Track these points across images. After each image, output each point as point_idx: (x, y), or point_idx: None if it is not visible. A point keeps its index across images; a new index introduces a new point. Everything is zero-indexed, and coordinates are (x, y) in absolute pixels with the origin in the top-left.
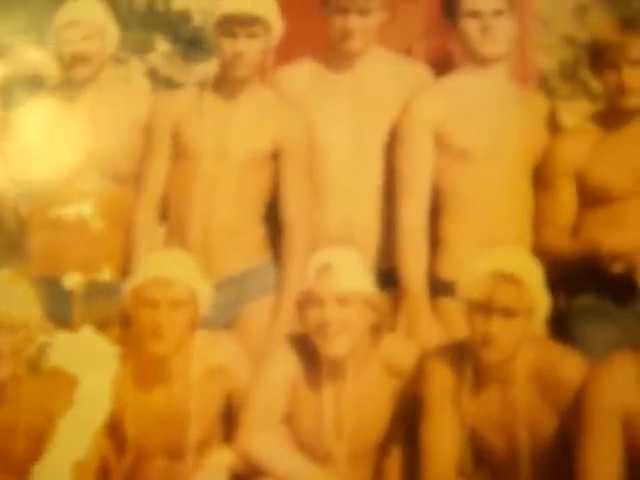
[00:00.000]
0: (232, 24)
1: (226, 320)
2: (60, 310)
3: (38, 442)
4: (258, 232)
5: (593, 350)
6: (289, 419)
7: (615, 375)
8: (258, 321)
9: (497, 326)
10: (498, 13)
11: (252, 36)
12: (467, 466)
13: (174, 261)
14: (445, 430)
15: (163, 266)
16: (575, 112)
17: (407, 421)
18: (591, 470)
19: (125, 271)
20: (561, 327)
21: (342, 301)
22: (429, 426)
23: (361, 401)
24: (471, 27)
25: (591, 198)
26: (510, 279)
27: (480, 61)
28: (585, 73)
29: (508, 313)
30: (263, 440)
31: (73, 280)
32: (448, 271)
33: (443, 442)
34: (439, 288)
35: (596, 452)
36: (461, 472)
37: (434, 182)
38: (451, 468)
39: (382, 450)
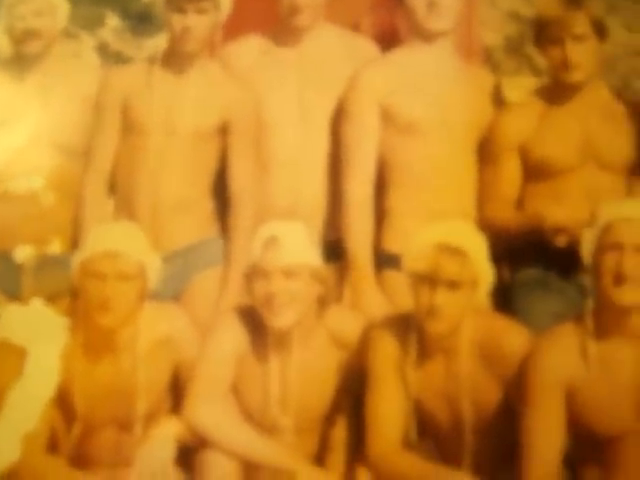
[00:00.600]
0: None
1: (174, 292)
2: (10, 283)
3: None
4: (206, 205)
5: (536, 322)
6: (236, 390)
7: (558, 347)
8: (206, 293)
9: (442, 298)
10: None
11: (201, 11)
12: (412, 436)
13: (122, 234)
14: (390, 401)
15: (111, 239)
16: (519, 87)
17: (353, 392)
18: (534, 441)
19: (75, 244)
20: (505, 299)
21: (288, 273)
22: (374, 397)
23: (307, 372)
24: (417, 2)
25: (535, 172)
26: (454, 251)
27: (426, 36)
28: (530, 48)
29: (452, 285)
30: (210, 411)
31: (23, 253)
32: (393, 243)
33: (388, 412)
34: (384, 260)
35: (539, 423)
36: (406, 442)
37: (380, 155)
38: (396, 438)
39: (328, 421)
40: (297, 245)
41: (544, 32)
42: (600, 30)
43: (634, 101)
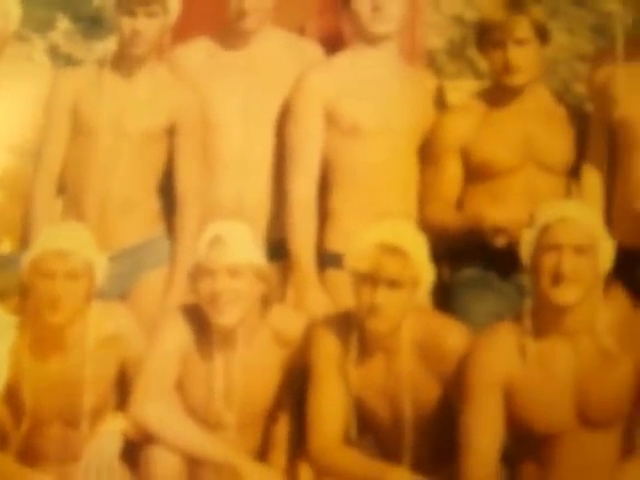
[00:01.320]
0: (131, 2)
1: (121, 291)
2: None
3: None
4: (153, 205)
5: (475, 321)
6: (181, 387)
7: (496, 345)
8: (152, 292)
9: (383, 297)
10: None
11: (150, 15)
12: (352, 433)
13: (71, 234)
14: (331, 398)
15: (60, 238)
16: (462, 90)
17: (295, 389)
18: (472, 438)
19: (25, 243)
20: (445, 298)
21: (233, 272)
22: (316, 394)
23: (250, 370)
24: (362, 6)
25: (476, 173)
26: (396, 251)
27: (370, 40)
28: (472, 52)
29: (393, 284)
30: (155, 407)
31: None
32: (336, 243)
33: (329, 409)
34: (327, 260)
35: (477, 421)
36: (346, 438)
37: (324, 156)
38: (337, 434)
39: (271, 418)
40: (241, 244)
41: (487, 36)
42: (542, 34)
43: (574, 104)
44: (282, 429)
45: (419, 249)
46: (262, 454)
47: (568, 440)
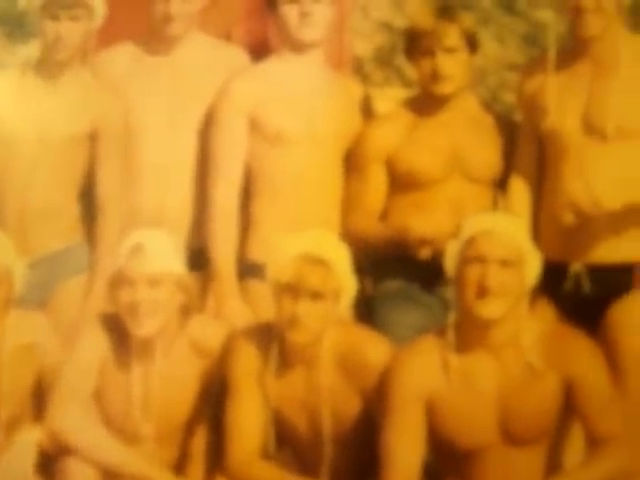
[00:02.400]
0: (55, 6)
1: (40, 298)
2: None
3: None
4: (73, 212)
5: (398, 334)
6: (98, 398)
7: (419, 359)
8: (71, 300)
9: (304, 308)
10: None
11: (74, 19)
12: (270, 446)
13: None
14: (249, 410)
15: None
16: (389, 98)
17: (214, 401)
18: (393, 453)
19: None
20: (367, 311)
21: (152, 282)
22: (234, 406)
23: (168, 381)
24: (289, 12)
25: (401, 183)
26: (318, 262)
27: (297, 46)
28: (400, 59)
29: (315, 296)
30: (72, 418)
31: None
32: (258, 253)
33: (247, 422)
34: (248, 270)
35: (398, 436)
36: (265, 452)
37: (247, 165)
38: (254, 448)
39: (189, 430)
40: (162, 253)
41: (415, 43)
42: (472, 42)
43: (503, 114)
44: (200, 441)
45: (342, 260)
46: (179, 467)
47: (491, 456)
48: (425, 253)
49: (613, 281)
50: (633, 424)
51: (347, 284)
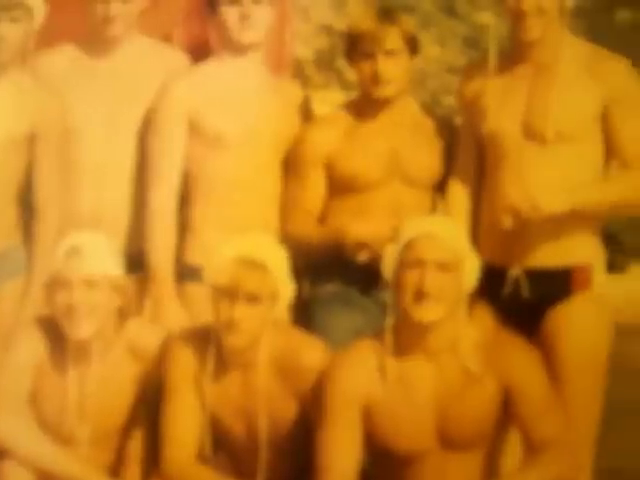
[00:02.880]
0: None
1: None
2: None
3: None
4: (11, 214)
5: (335, 338)
6: (35, 401)
7: (355, 363)
8: (8, 302)
9: (241, 311)
10: (257, 1)
11: (14, 20)
12: (207, 450)
13: None
14: (186, 414)
15: None
16: (329, 101)
17: (150, 404)
18: (329, 458)
19: None
20: (305, 314)
21: (89, 284)
22: (170, 409)
23: (105, 384)
24: (229, 14)
25: (340, 186)
26: (255, 265)
27: (237, 49)
28: (340, 62)
29: (252, 299)
30: (8, 421)
31: None
32: (196, 256)
33: (183, 426)
34: (186, 273)
35: (335, 440)
36: (201, 456)
37: (185, 168)
38: (191, 452)
39: (125, 433)
40: (99, 256)
41: (356, 46)
42: (412, 45)
43: (444, 117)
44: (136, 445)
45: (279, 263)
46: (115, 470)
47: (429, 461)
48: (363, 257)
49: (552, 285)
50: (571, 430)
51: (285, 287)
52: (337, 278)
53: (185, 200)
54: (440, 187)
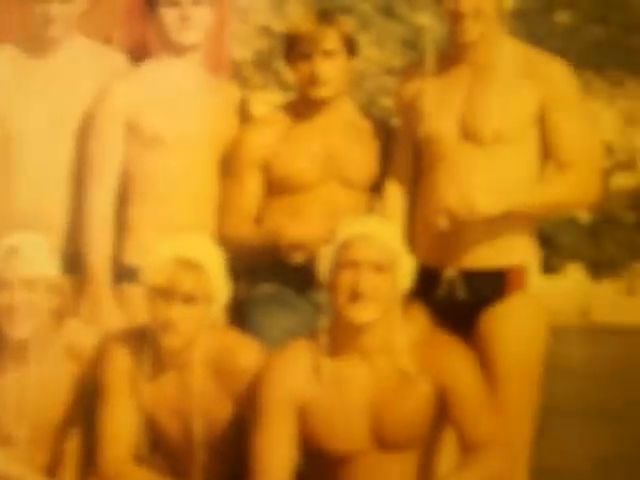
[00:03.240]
0: None
1: None
2: None
3: None
4: None
5: (271, 338)
6: None
7: (290, 364)
8: None
9: (177, 312)
10: (197, 2)
11: None
12: (143, 450)
13: None
14: (122, 414)
15: None
16: (267, 102)
17: (87, 405)
18: (264, 458)
19: None
20: (241, 315)
21: (27, 285)
22: (106, 410)
23: (42, 384)
24: (169, 16)
25: (277, 187)
26: (191, 266)
27: (176, 50)
28: (279, 64)
29: (189, 299)
30: None
31: None
32: (133, 257)
33: (119, 426)
34: (124, 273)
35: (269, 440)
36: (137, 456)
37: (124, 168)
38: (127, 451)
39: (62, 433)
40: (36, 257)
41: (294, 47)
42: (351, 47)
43: (381, 119)
44: (74, 445)
45: (216, 264)
46: (52, 470)
47: (363, 462)
48: (299, 257)
49: (486, 286)
50: (506, 430)
51: (221, 288)
52: (273, 279)
53: (123, 200)
54: (376, 188)
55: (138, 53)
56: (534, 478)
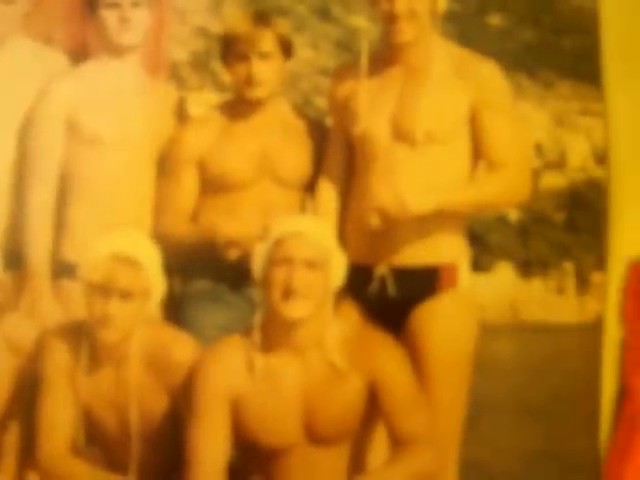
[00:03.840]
0: None
1: None
2: None
3: None
4: None
5: (205, 334)
6: None
7: (224, 359)
8: None
9: (114, 307)
10: (136, 4)
11: None
12: (80, 442)
13: None
14: (59, 406)
15: None
16: (204, 102)
17: (26, 397)
18: (197, 451)
19: None
20: (175, 310)
21: None
22: (45, 402)
23: None
24: (108, 17)
25: (212, 186)
26: (128, 262)
27: (115, 51)
28: (215, 64)
29: (125, 295)
30: None
31: None
32: (72, 253)
33: (57, 418)
34: (62, 270)
35: (202, 434)
36: (74, 448)
37: (63, 166)
38: (64, 443)
39: (2, 425)
40: None
41: (231, 48)
42: (286, 48)
43: (315, 118)
44: (13, 437)
45: (152, 260)
46: None
47: (296, 455)
48: (233, 254)
49: (418, 284)
50: (436, 425)
51: (157, 284)
52: (207, 275)
53: (62, 198)
54: (310, 187)
55: (78, 53)
56: (464, 472)
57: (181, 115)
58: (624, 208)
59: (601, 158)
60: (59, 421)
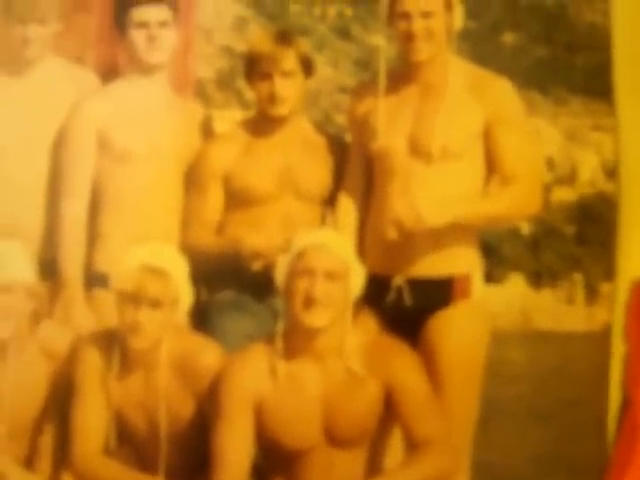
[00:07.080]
0: None
1: None
2: None
3: None
4: None
5: (230, 341)
6: None
7: (248, 365)
8: None
9: (144, 316)
10: (163, 24)
11: None
12: (112, 444)
13: None
14: (92, 410)
15: None
16: (228, 119)
17: (61, 401)
18: (223, 453)
19: None
20: (202, 319)
21: (4, 289)
22: (78, 406)
23: (19, 382)
24: (137, 36)
25: (237, 200)
26: (157, 273)
27: (144, 69)
28: (240, 83)
29: (155, 304)
30: None
31: None
32: (104, 264)
33: (90, 421)
34: (95, 280)
35: (228, 437)
36: (106, 449)
37: (95, 180)
38: (97, 445)
39: (38, 428)
40: (14, 263)
41: (254, 67)
42: (307, 66)
43: (335, 135)
44: (48, 439)
45: (180, 271)
46: (29, 462)
47: (316, 457)
48: (257, 266)
49: (433, 294)
50: (450, 429)
51: (184, 293)
52: (232, 285)
53: (95, 211)
54: (330, 201)
55: (108, 72)
56: (475, 473)
57: (207, 131)
58: (633, 221)
59: (611, 172)
60: (92, 424)
